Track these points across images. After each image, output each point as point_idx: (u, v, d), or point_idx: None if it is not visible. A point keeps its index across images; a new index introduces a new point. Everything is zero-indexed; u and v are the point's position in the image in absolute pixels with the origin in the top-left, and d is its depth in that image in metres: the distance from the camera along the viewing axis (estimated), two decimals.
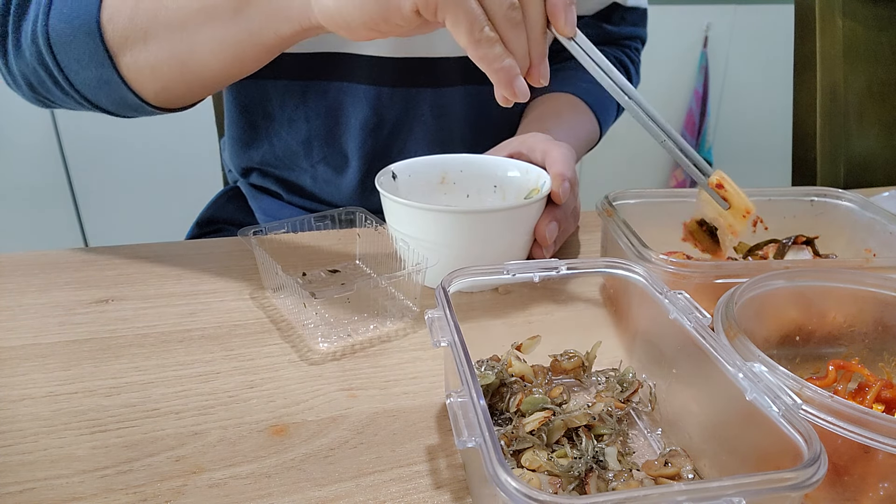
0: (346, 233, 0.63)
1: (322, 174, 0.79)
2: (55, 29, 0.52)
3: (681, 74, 2.37)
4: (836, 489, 0.31)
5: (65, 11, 0.52)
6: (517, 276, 0.40)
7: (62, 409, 0.40)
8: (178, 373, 0.44)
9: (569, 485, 0.33)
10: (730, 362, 0.32)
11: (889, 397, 0.38)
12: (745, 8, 2.33)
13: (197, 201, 0.92)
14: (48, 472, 0.35)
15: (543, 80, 0.47)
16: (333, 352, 0.47)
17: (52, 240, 1.86)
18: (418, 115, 0.76)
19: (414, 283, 0.51)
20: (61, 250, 0.59)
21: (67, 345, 0.46)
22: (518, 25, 0.44)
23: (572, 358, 0.42)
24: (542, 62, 0.46)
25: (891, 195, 0.71)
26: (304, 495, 0.34)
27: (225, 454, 0.37)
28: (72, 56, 0.53)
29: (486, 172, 0.63)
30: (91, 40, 0.51)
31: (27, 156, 1.75)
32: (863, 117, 1.04)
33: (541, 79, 0.47)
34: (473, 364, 0.34)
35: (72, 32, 0.52)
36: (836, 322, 0.43)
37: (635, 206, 0.56)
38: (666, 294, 0.38)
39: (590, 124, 0.80)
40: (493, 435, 0.27)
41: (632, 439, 0.38)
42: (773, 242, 0.56)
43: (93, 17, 0.51)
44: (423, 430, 0.39)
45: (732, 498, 0.24)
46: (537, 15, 0.44)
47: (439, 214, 0.51)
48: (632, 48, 0.90)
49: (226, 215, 0.86)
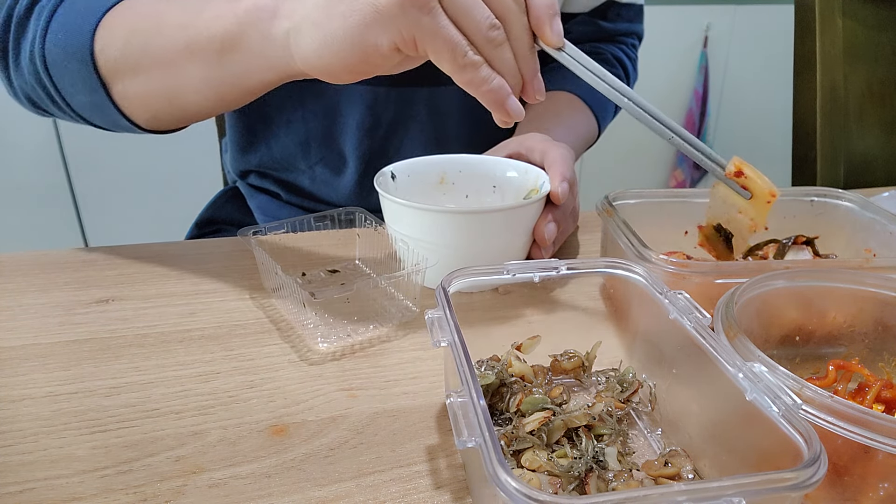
0: (346, 233, 0.63)
1: (320, 175, 0.79)
2: (51, 52, 0.52)
3: (681, 74, 2.37)
4: (836, 489, 0.31)
5: (60, 37, 0.52)
6: (517, 276, 0.40)
7: (62, 409, 0.40)
8: (178, 373, 0.44)
9: (569, 485, 0.33)
10: (730, 362, 0.32)
11: (889, 397, 0.38)
12: (745, 8, 2.33)
13: (197, 201, 0.92)
14: (48, 472, 0.35)
15: (539, 95, 0.46)
16: (333, 352, 0.47)
17: (52, 240, 1.86)
18: (414, 114, 0.76)
19: (413, 284, 0.51)
20: (61, 250, 0.59)
21: (67, 345, 0.46)
22: (502, 45, 0.43)
23: (572, 358, 0.42)
24: (534, 77, 0.45)
25: (891, 195, 0.71)
26: (304, 495, 0.34)
27: (225, 454, 0.37)
28: (66, 80, 0.53)
29: (485, 173, 0.63)
30: (84, 67, 0.52)
31: (27, 156, 1.75)
32: (863, 117, 1.04)
33: (536, 95, 0.46)
34: (473, 364, 0.34)
35: (66, 58, 0.52)
36: (836, 322, 0.43)
37: (635, 206, 0.56)
38: (666, 294, 0.38)
39: (588, 123, 0.80)
40: (493, 435, 0.27)
41: (632, 439, 0.38)
42: (773, 242, 0.56)
43: (86, 45, 0.51)
44: (423, 430, 0.39)
45: (732, 498, 0.24)
46: (521, 30, 0.43)
47: (438, 215, 0.51)
48: (628, 44, 0.90)
49: (225, 215, 0.86)
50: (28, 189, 1.79)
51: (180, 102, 0.53)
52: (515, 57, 0.44)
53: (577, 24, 0.85)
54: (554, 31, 0.44)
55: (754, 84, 2.46)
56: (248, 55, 0.48)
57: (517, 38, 0.43)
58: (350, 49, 0.43)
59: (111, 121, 0.57)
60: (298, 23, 0.45)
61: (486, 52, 0.43)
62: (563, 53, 0.46)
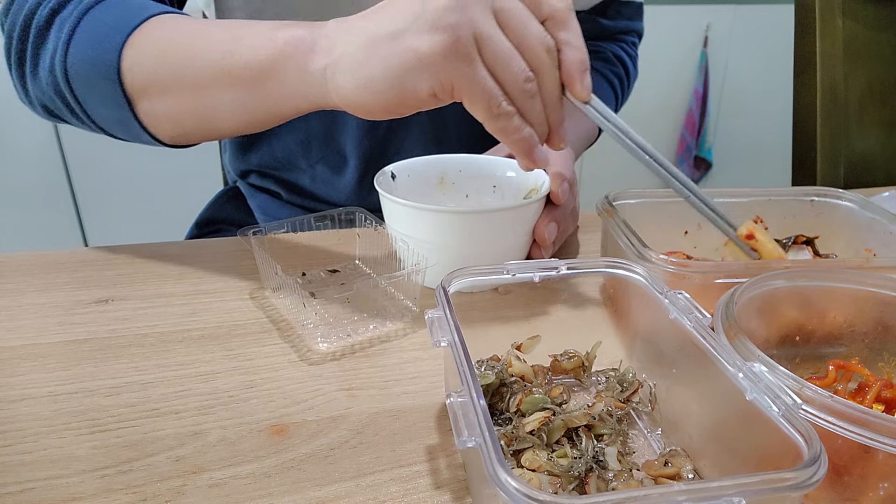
0: (346, 233, 0.63)
1: (321, 174, 0.79)
2: (74, 67, 0.51)
3: (681, 74, 2.37)
4: (836, 489, 0.31)
5: (84, 51, 0.51)
6: (517, 276, 0.40)
7: (62, 409, 0.40)
8: (178, 373, 0.44)
9: (569, 485, 0.33)
10: (730, 362, 0.32)
11: (889, 397, 0.37)
12: (745, 8, 2.33)
13: (197, 201, 0.92)
14: (48, 472, 0.35)
15: (563, 144, 0.48)
16: (333, 352, 0.47)
17: (52, 240, 1.86)
18: (415, 114, 0.76)
19: (413, 284, 0.51)
20: (61, 250, 0.59)
21: (67, 345, 0.46)
22: (535, 97, 0.44)
23: (572, 358, 0.42)
24: (560, 127, 0.47)
25: (891, 195, 0.71)
26: (304, 495, 0.34)
27: (225, 454, 0.37)
28: (89, 94, 0.53)
29: (485, 172, 0.63)
30: (110, 84, 0.51)
31: (27, 156, 1.75)
32: (863, 117, 1.04)
33: (560, 143, 0.48)
34: (473, 364, 0.34)
35: (90, 73, 0.51)
36: (836, 322, 0.43)
37: (635, 206, 0.56)
38: (666, 294, 0.38)
39: (588, 122, 0.80)
40: (493, 435, 0.27)
41: (632, 439, 0.38)
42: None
43: (113, 63, 0.50)
44: (423, 430, 0.39)
45: (732, 498, 0.24)
46: (553, 84, 0.45)
47: (438, 215, 0.51)
48: (628, 42, 0.90)
49: (225, 215, 0.86)
50: (28, 189, 1.79)
51: (211, 124, 0.53)
52: (545, 107, 0.46)
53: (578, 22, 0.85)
54: (584, 87, 0.46)
55: (754, 84, 2.46)
56: (284, 86, 0.48)
57: (548, 90, 0.45)
58: (388, 91, 0.43)
59: (133, 135, 0.56)
60: (337, 60, 0.45)
61: (520, 103, 0.44)
62: (588, 107, 0.47)
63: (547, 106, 0.46)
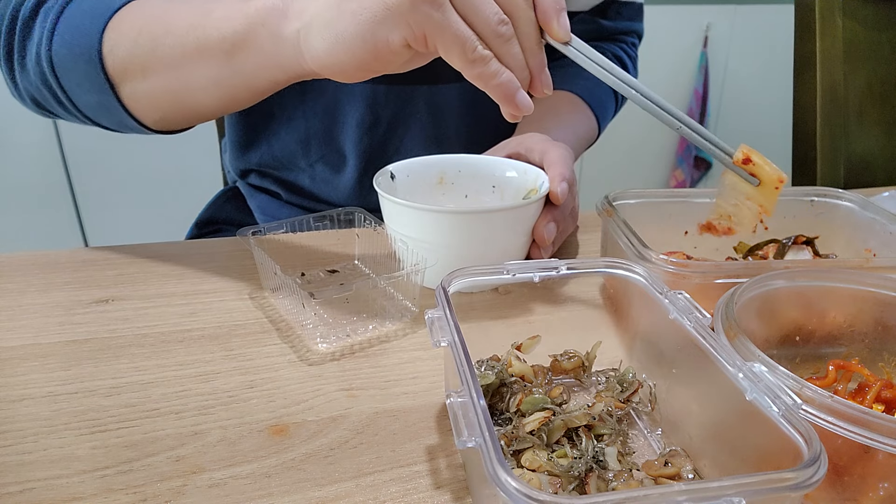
0: (345, 233, 0.63)
1: (320, 173, 0.79)
2: (58, 54, 0.52)
3: (681, 74, 2.37)
4: (836, 489, 0.31)
5: (67, 38, 0.52)
6: (517, 276, 0.40)
7: (62, 409, 0.40)
8: (178, 373, 0.44)
9: (569, 485, 0.33)
10: (730, 362, 0.32)
11: (889, 397, 0.37)
12: (745, 8, 2.33)
13: (197, 201, 0.92)
14: (48, 472, 0.35)
15: (547, 89, 0.47)
16: (333, 352, 0.47)
17: (52, 240, 1.86)
18: (414, 112, 0.76)
19: (413, 284, 0.51)
20: (61, 250, 0.59)
21: (67, 345, 0.46)
22: (510, 39, 0.43)
23: (572, 358, 0.42)
24: (542, 72, 0.46)
25: (891, 195, 0.71)
26: (304, 495, 0.34)
27: (225, 454, 0.37)
28: (73, 80, 0.53)
29: (485, 173, 0.63)
30: (92, 68, 0.52)
31: (27, 156, 1.75)
32: (863, 117, 1.04)
33: (544, 88, 0.47)
34: (473, 364, 0.34)
35: (73, 59, 0.52)
36: (836, 322, 0.43)
37: (635, 206, 0.56)
38: (666, 294, 0.38)
39: (588, 122, 0.80)
40: (493, 435, 0.27)
41: (632, 439, 0.38)
42: (773, 242, 0.56)
43: (94, 46, 0.51)
44: (423, 430, 0.39)
45: (732, 498, 0.24)
46: (529, 25, 0.44)
47: (438, 215, 0.51)
48: (628, 43, 0.90)
49: (225, 215, 0.86)
50: (28, 189, 1.79)
51: (189, 103, 0.54)
52: (523, 51, 0.44)
53: (578, 23, 0.85)
54: (561, 26, 0.45)
55: (754, 84, 2.46)
56: (258, 55, 0.48)
57: (525, 32, 0.44)
58: (361, 46, 0.43)
59: (118, 121, 0.57)
60: (309, 22, 0.45)
61: (496, 47, 0.43)
62: (569, 47, 0.46)
63: (526, 50, 0.44)
